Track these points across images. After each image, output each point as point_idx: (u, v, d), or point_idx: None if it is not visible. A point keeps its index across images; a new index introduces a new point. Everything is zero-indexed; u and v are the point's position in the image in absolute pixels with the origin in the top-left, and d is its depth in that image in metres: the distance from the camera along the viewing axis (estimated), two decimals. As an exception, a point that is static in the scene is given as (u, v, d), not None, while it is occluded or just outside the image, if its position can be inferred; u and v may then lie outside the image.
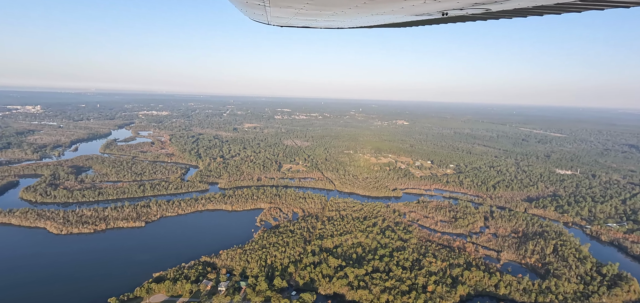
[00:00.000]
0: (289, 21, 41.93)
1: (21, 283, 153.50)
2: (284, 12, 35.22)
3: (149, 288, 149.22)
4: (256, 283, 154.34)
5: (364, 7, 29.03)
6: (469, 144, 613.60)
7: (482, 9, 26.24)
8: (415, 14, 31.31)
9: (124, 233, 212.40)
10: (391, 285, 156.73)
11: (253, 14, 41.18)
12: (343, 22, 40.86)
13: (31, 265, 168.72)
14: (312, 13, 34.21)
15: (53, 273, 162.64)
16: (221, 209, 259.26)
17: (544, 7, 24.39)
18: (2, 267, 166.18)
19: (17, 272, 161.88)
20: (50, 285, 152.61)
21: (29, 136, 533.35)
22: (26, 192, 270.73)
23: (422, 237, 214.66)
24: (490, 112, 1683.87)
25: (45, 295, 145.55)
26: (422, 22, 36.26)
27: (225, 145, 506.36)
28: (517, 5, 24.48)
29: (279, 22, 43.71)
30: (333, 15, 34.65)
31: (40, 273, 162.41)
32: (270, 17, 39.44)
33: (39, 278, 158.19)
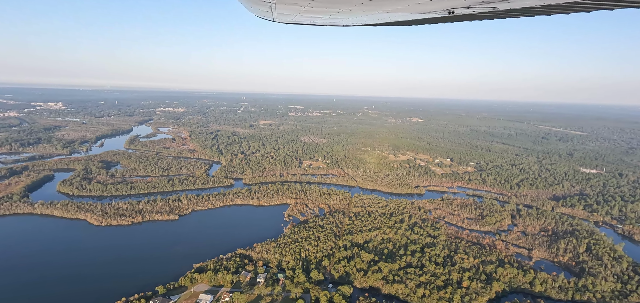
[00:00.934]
0: (294, 18, 42.04)
1: (72, 270, 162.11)
2: (289, 9, 35.27)
3: (192, 278, 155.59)
4: (294, 275, 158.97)
5: (369, 5, 28.94)
6: (488, 142, 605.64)
7: (489, 7, 25.82)
8: (421, 12, 31.00)
9: (160, 226, 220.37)
10: (426, 280, 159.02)
11: (259, 11, 41.86)
12: (348, 20, 41.15)
13: (79, 254, 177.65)
14: (318, 10, 34.20)
15: (100, 262, 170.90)
16: (248, 204, 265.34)
17: (552, 6, 23.99)
18: (53, 255, 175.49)
19: (66, 260, 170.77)
20: (100, 273, 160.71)
21: (56, 132, 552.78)
22: (63, 185, 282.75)
23: (450, 233, 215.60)
24: (505, 110, 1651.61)
25: (98, 282, 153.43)
26: (428, 21, 36.07)
27: (244, 141, 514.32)
28: (525, 4, 24.12)
29: (285, 19, 44.06)
30: (338, 12, 34.59)
31: (88, 261, 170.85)
32: (275, 14, 39.85)
33: (88, 265, 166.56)
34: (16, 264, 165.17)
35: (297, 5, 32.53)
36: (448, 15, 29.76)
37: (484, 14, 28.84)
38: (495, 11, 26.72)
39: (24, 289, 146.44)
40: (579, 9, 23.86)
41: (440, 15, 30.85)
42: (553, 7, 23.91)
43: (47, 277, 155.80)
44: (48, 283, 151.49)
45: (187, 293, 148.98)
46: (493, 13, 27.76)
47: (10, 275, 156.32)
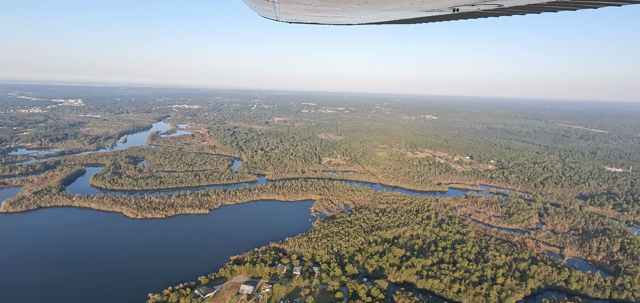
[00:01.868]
0: (297, 17, 41.86)
1: (118, 261, 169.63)
2: (292, 8, 35.21)
3: (231, 270, 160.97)
4: (329, 268, 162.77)
5: (373, 3, 28.70)
6: (506, 140, 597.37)
7: (494, 4, 25.42)
8: (425, 10, 30.64)
9: (192, 220, 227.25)
10: (460, 276, 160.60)
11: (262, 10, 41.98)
12: (352, 18, 40.98)
13: (122, 246, 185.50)
14: (321, 9, 33.96)
15: (142, 253, 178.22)
16: (274, 199, 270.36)
17: (559, 3, 23.59)
18: (98, 246, 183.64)
19: (111, 251, 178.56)
20: (143, 263, 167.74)
21: (80, 128, 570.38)
22: (95, 179, 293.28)
23: (478, 231, 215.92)
24: (521, 107, 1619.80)
25: (143, 272, 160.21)
26: (432, 18, 35.59)
27: (262, 138, 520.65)
28: (531, 1, 23.66)
29: (288, 19, 43.99)
30: (342, 11, 34.59)
31: (131, 252, 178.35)
32: (279, 14, 39.82)
33: (132, 256, 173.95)
34: (67, 255, 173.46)
35: (301, 4, 32.54)
36: (453, 12, 29.58)
37: (489, 11, 28.65)
38: (500, 8, 26.53)
39: (77, 278, 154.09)
40: (586, 6, 23.64)
41: (444, 12, 30.63)
42: (559, 3, 23.67)
43: (96, 267, 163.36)
44: (98, 273, 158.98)
45: (227, 283, 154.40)
46: (498, 10, 27.57)
47: (63, 265, 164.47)
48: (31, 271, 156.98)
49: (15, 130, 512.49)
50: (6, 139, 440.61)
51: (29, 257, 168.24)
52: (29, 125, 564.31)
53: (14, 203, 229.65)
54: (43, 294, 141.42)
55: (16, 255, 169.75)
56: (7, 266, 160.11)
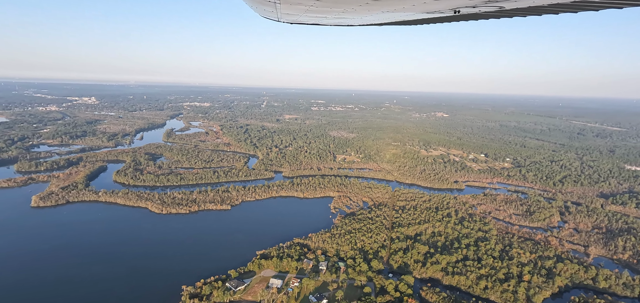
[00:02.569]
0: (298, 18, 42.00)
1: (149, 254, 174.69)
2: (294, 9, 35.26)
3: (259, 264, 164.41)
4: (355, 264, 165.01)
5: (374, 5, 28.69)
6: (520, 137, 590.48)
7: (495, 6, 25.50)
8: (426, 12, 30.66)
9: (215, 215, 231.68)
10: (486, 273, 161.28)
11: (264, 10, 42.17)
12: (353, 20, 40.92)
13: (150, 240, 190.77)
14: (322, 10, 34.06)
15: (171, 247, 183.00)
16: (293, 196, 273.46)
17: (560, 5, 23.62)
18: (128, 241, 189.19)
19: (141, 245, 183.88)
20: (173, 257, 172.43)
21: (97, 125, 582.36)
22: (117, 175, 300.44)
23: (500, 229, 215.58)
24: (533, 104, 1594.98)
25: (174, 265, 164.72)
26: (433, 20, 35.58)
27: (275, 136, 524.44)
28: (532, 3, 23.73)
29: (289, 19, 43.97)
30: (343, 12, 34.56)
31: (160, 246, 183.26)
32: (280, 14, 39.82)
33: (161, 250, 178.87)
34: (102, 250, 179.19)
35: (302, 5, 32.57)
36: (454, 14, 29.70)
37: (490, 13, 28.75)
38: (501, 10, 26.57)
39: (114, 272, 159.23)
40: (587, 8, 23.71)
41: (446, 14, 30.73)
42: (561, 6, 23.74)
43: (131, 261, 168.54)
44: (133, 267, 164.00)
45: (256, 277, 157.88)
46: (499, 12, 27.63)
47: (99, 259, 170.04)
48: (71, 265, 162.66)
49: (35, 128, 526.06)
50: (28, 136, 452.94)
51: (66, 251, 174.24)
52: (48, 123, 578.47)
53: (44, 198, 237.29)
54: (84, 287, 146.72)
55: (55, 249, 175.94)
56: (46, 260, 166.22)
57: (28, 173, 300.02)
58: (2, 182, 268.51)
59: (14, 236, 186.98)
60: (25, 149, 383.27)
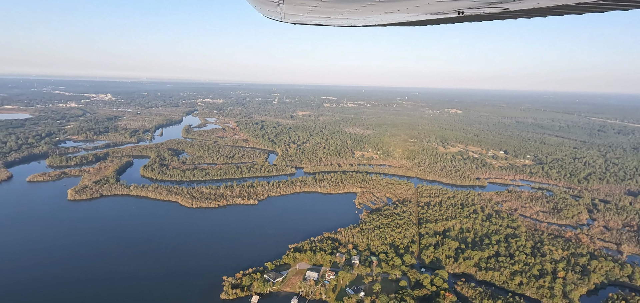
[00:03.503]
0: (302, 19, 42.07)
1: (187, 246, 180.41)
2: (297, 9, 35.19)
3: (294, 257, 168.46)
4: (388, 258, 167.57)
5: (378, 6, 28.60)
6: (539, 134, 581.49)
7: (499, 8, 25.44)
8: (430, 13, 30.58)
9: (243, 209, 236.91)
10: (519, 268, 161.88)
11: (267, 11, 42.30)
12: (356, 20, 40.65)
13: (188, 232, 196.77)
14: (326, 11, 34.02)
15: (206, 239, 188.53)
16: (317, 191, 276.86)
17: (565, 7, 23.59)
18: (167, 234, 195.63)
19: (180, 238, 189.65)
20: (209, 249, 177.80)
21: (117, 121, 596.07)
22: (145, 170, 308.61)
23: (528, 226, 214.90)
24: (548, 101, 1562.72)
25: (211, 257, 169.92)
26: (437, 21, 35.44)
27: (291, 132, 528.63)
28: (536, 5, 23.66)
29: (293, 20, 43.96)
30: (346, 13, 34.51)
31: (195, 239, 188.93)
32: (283, 15, 39.83)
33: (197, 242, 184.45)
34: (143, 241, 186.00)
35: (306, 6, 32.51)
36: (457, 15, 29.65)
37: (494, 14, 28.67)
38: (505, 11, 26.51)
39: (158, 264, 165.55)
40: (592, 10, 23.60)
41: (449, 15, 30.69)
42: (565, 7, 23.69)
43: (171, 253, 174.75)
44: (174, 258, 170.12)
45: (292, 269, 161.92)
46: (503, 13, 27.57)
47: (140, 250, 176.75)
48: (114, 257, 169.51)
49: (59, 124, 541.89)
50: (54, 131, 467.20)
51: (108, 243, 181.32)
52: (70, 119, 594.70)
53: (79, 192, 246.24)
54: (129, 278, 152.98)
55: (96, 241, 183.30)
56: (89, 251, 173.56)
57: (60, 167, 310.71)
58: (38, 176, 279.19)
59: (57, 228, 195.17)
60: (53, 144, 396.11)
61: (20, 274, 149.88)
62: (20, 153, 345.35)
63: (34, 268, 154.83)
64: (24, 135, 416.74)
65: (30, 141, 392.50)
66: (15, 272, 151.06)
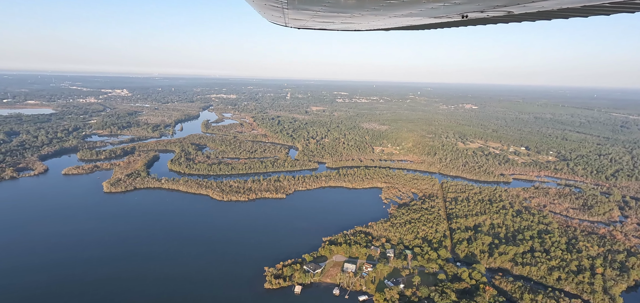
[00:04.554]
0: (306, 23, 42.22)
1: (227, 238, 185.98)
2: (301, 15, 35.33)
3: (329, 250, 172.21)
4: (422, 252, 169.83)
5: (381, 10, 28.63)
6: (559, 130, 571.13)
7: (503, 11, 25.24)
8: (433, 17, 30.47)
9: (272, 203, 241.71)
10: (556, 264, 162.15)
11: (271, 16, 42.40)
12: (360, 25, 40.70)
13: (224, 225, 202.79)
14: (329, 15, 34.00)
15: (241, 232, 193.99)
16: (342, 186, 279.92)
17: (570, 10, 23.47)
18: (202, 225, 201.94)
19: (218, 230, 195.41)
20: (246, 241, 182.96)
21: (138, 116, 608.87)
22: (172, 164, 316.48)
23: (560, 222, 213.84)
24: (564, 96, 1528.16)
25: (249, 249, 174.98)
26: (441, 25, 35.22)
27: (309, 127, 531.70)
28: (541, 8, 23.42)
29: (297, 25, 44.10)
30: (350, 17, 34.52)
31: (232, 231, 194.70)
32: (287, 20, 39.97)
33: (234, 234, 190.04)
34: (185, 233, 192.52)
35: (309, 11, 32.65)
36: (461, 19, 29.48)
37: (498, 18, 28.48)
38: (509, 14, 26.34)
39: (197, 254, 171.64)
40: (598, 12, 23.37)
41: (453, 19, 30.45)
42: (570, 10, 23.56)
43: (208, 243, 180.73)
44: (216, 249, 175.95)
45: (329, 261, 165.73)
46: (507, 17, 27.40)
47: (183, 242, 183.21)
48: (158, 246, 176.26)
49: (83, 119, 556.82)
50: (80, 126, 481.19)
51: (150, 234, 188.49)
52: (93, 114, 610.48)
53: (114, 184, 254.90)
54: (176, 267, 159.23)
55: (138, 232, 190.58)
56: (133, 241, 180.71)
57: (91, 161, 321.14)
58: (73, 169, 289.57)
59: (101, 219, 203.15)
60: (81, 138, 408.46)
61: (77, 263, 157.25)
62: (52, 147, 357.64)
63: (90, 256, 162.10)
64: (53, 130, 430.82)
65: (59, 135, 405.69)
66: (73, 262, 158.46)
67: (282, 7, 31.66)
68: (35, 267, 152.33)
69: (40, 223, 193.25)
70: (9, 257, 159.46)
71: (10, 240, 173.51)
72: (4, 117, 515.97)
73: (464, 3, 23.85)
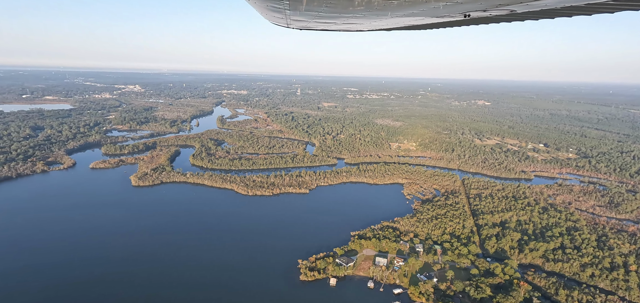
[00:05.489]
0: (307, 24, 42.20)
1: (258, 231, 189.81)
2: (303, 16, 35.22)
3: (359, 244, 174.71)
4: (452, 247, 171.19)
5: (382, 10, 28.69)
6: (577, 127, 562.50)
7: (506, 10, 24.97)
8: (436, 16, 30.29)
9: (296, 198, 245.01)
10: (589, 261, 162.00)
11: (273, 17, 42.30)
12: (362, 25, 40.66)
13: (250, 217, 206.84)
14: (331, 16, 33.99)
15: (270, 225, 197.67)
16: (363, 182, 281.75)
17: (574, 8, 23.30)
18: (231, 218, 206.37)
19: (249, 223, 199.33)
20: (276, 234, 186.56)
21: (154, 112, 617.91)
22: (194, 159, 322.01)
23: (587, 219, 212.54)
24: (579, 92, 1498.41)
25: (281, 242, 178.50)
26: (443, 24, 35.22)
27: (324, 123, 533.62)
28: (544, 6, 23.19)
29: (298, 26, 44.13)
30: (352, 18, 34.33)
31: (260, 224, 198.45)
32: (289, 21, 39.95)
33: (267, 228, 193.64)
34: (214, 225, 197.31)
35: (311, 12, 32.50)
36: (464, 18, 29.25)
37: (501, 17, 28.20)
38: (512, 13, 26.07)
39: (230, 245, 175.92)
40: (602, 10, 23.25)
41: (455, 18, 30.29)
42: (574, 8, 23.37)
43: (239, 234, 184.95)
44: (242, 239, 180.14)
45: (360, 255, 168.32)
46: (510, 15, 27.12)
47: (217, 234, 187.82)
48: (195, 238, 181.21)
49: (101, 114, 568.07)
50: (100, 121, 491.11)
51: (184, 225, 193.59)
52: (110, 110, 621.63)
53: (141, 178, 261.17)
54: (212, 255, 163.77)
55: (172, 223, 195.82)
56: (169, 232, 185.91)
57: (115, 155, 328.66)
58: (100, 163, 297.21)
59: (133, 211, 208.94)
60: (102, 133, 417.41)
61: (117, 253, 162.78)
62: (77, 141, 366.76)
63: (129, 246, 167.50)
64: (75, 125, 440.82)
65: (82, 130, 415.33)
66: (113, 252, 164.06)
67: (283, 8, 31.89)
68: (85, 258, 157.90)
69: (80, 215, 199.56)
70: (64, 250, 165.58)
71: (57, 234, 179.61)
72: (26, 112, 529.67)
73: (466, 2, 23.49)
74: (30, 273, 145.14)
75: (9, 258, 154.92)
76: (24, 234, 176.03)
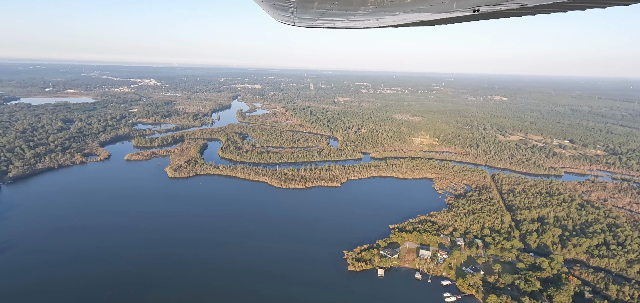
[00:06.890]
0: (314, 22, 42.29)
1: (299, 223, 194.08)
2: (310, 14, 35.43)
3: (401, 237, 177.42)
4: (494, 241, 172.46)
5: (389, 7, 28.44)
6: (601, 123, 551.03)
7: (516, 4, 24.42)
8: (445, 11, 29.58)
9: (328, 191, 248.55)
10: (635, 257, 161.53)
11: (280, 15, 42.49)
12: (369, 22, 40.26)
13: (288, 209, 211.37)
14: (338, 14, 33.96)
15: (308, 218, 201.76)
16: (392, 176, 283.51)
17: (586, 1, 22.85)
18: (270, 209, 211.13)
19: (290, 215, 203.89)
20: (316, 227, 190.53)
21: (174, 106, 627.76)
22: (222, 152, 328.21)
23: (627, 216, 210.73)
24: (598, 87, 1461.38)
25: (323, 234, 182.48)
26: (451, 20, 34.48)
27: (343, 117, 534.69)
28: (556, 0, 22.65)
29: (305, 24, 44.19)
30: (359, 15, 34.16)
31: (299, 217, 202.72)
32: (296, 19, 40.15)
33: (303, 220, 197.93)
34: (256, 217, 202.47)
35: (318, 10, 32.70)
36: (473, 13, 28.65)
37: (511, 11, 27.50)
38: (523, 7, 25.39)
39: (275, 237, 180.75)
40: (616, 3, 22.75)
41: (464, 14, 29.62)
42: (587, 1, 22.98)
43: (282, 225, 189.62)
44: (285, 230, 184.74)
45: (403, 248, 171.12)
46: (521, 9, 26.40)
47: (261, 226, 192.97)
48: (241, 228, 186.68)
49: (123, 107, 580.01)
50: (124, 115, 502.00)
51: (229, 215, 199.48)
52: (132, 103, 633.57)
53: (176, 170, 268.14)
54: (261, 245, 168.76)
55: (216, 214, 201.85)
56: (214, 222, 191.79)
57: (146, 148, 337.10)
58: (134, 155, 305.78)
59: (173, 202, 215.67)
60: (130, 126, 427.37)
61: (166, 242, 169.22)
62: (108, 134, 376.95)
63: (176, 235, 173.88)
64: (103, 118, 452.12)
65: (110, 123, 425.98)
66: (163, 241, 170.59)
67: (290, 7, 32.03)
68: (133, 244, 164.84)
69: (124, 206, 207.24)
70: (109, 238, 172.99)
71: (104, 222, 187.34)
72: (54, 105, 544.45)
73: None
74: (90, 261, 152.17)
75: (74, 244, 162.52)
76: (80, 223, 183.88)
